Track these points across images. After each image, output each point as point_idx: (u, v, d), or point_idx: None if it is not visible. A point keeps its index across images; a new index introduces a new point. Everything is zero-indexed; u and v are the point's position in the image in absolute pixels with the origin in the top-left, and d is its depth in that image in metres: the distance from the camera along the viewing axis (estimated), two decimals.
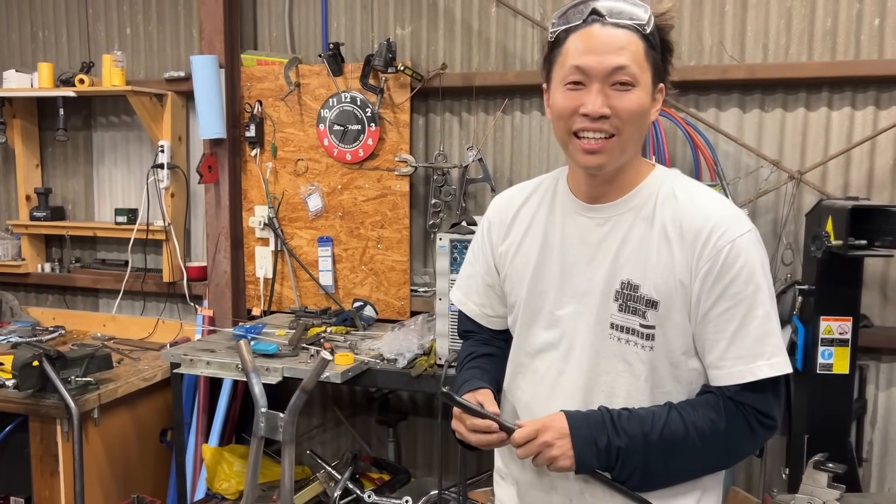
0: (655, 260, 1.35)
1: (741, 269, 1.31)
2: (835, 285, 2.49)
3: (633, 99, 1.30)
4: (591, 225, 1.42)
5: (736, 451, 1.38)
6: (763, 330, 1.31)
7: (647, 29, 1.30)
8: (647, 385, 1.38)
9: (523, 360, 1.51)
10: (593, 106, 1.29)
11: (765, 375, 1.31)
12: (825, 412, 2.55)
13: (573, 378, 1.42)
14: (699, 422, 1.32)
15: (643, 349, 1.37)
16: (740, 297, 1.31)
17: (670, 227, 1.35)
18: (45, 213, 3.78)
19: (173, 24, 3.63)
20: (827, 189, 2.82)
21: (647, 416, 1.34)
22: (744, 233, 1.33)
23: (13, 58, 3.90)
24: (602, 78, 1.29)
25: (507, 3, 3.10)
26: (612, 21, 1.30)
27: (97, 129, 3.85)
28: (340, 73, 3.21)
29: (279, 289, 3.46)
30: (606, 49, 1.29)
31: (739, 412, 1.33)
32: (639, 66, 1.30)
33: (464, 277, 1.65)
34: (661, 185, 1.40)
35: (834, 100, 2.82)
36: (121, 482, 3.10)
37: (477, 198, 3.21)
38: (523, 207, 1.53)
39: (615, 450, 1.32)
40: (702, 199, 1.38)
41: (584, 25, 1.31)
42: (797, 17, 2.80)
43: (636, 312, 1.36)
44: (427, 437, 3.43)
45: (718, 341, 1.33)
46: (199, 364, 2.76)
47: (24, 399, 2.77)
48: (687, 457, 1.34)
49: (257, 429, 1.68)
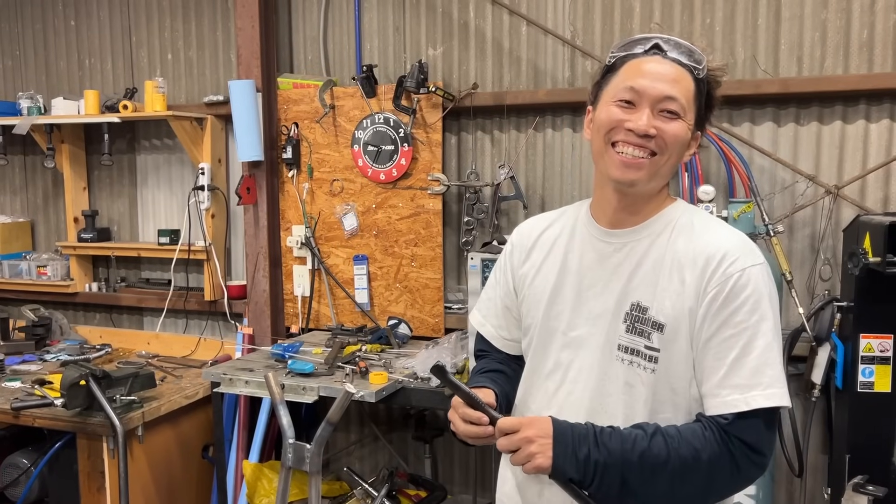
0: (666, 284, 1.37)
1: (748, 297, 1.31)
2: (874, 302, 2.45)
3: (677, 127, 1.35)
4: (609, 250, 1.45)
5: (716, 486, 1.35)
6: (762, 360, 1.31)
7: (700, 74, 1.37)
8: (646, 409, 1.38)
9: (536, 382, 1.54)
10: (642, 123, 1.33)
11: (758, 405, 1.29)
12: (866, 432, 2.49)
13: (580, 398, 1.44)
14: (682, 448, 1.31)
15: (645, 371, 1.38)
16: (744, 326, 1.31)
17: (683, 254, 1.37)
18: (92, 234, 3.91)
19: (212, 50, 3.74)
20: (866, 203, 2.77)
21: (629, 435, 1.33)
22: (755, 264, 1.34)
23: (62, 85, 4.05)
24: (652, 102, 1.34)
25: (537, 23, 3.12)
26: (672, 57, 1.37)
27: (140, 152, 3.97)
28: (374, 95, 3.27)
29: (316, 307, 3.52)
30: (662, 78, 1.35)
31: (725, 446, 1.30)
32: (687, 102, 1.36)
33: (484, 300, 1.69)
34: (681, 215, 1.43)
35: (872, 112, 2.77)
36: (164, 497, 3.17)
37: (509, 215, 3.23)
38: (545, 232, 1.57)
39: (593, 463, 1.31)
40: (717, 229, 1.41)
41: (644, 55, 1.38)
42: (832, 30, 2.77)
43: (642, 334, 1.38)
44: (463, 453, 3.44)
45: (717, 368, 1.33)
46: (237, 383, 2.82)
47: (71, 417, 2.86)
48: (665, 482, 1.31)
49: (285, 459, 1.72)
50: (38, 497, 3.15)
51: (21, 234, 4.20)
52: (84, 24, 3.98)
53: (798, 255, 2.87)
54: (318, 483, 1.73)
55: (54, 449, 3.01)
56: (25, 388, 3.17)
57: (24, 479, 3.11)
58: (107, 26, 3.94)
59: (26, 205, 4.27)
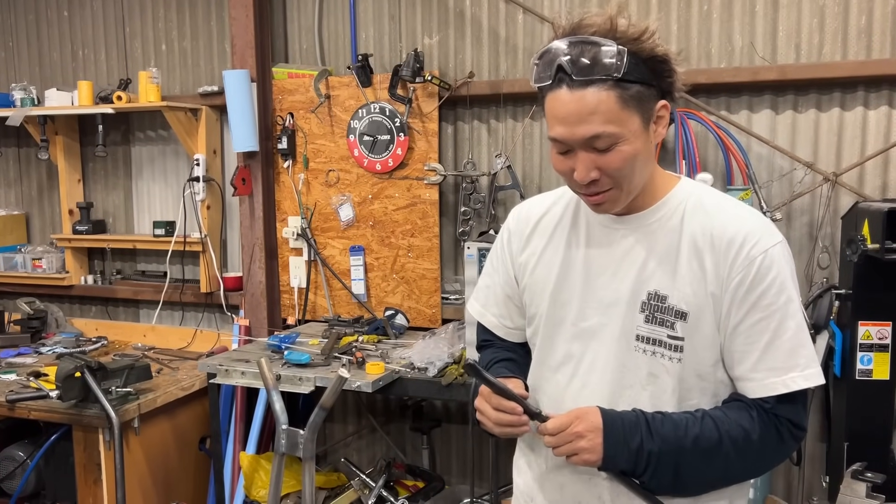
0: (685, 271, 1.34)
1: (773, 279, 1.30)
2: (872, 289, 2.44)
3: (618, 157, 1.27)
4: (617, 236, 1.40)
5: (767, 461, 1.37)
6: (797, 341, 1.30)
7: (617, 76, 1.23)
8: (674, 398, 1.36)
9: (545, 374, 1.49)
10: (579, 175, 1.29)
11: (798, 388, 1.30)
12: (865, 419, 2.49)
13: (596, 391, 1.40)
14: (733, 430, 1.31)
15: (671, 361, 1.35)
16: (773, 309, 1.30)
17: (700, 237, 1.34)
18: (87, 226, 3.89)
19: (206, 40, 3.71)
20: (864, 191, 2.76)
21: (681, 421, 1.32)
22: (776, 243, 1.32)
23: (55, 76, 4.02)
24: (582, 146, 1.28)
25: (533, 10, 3.10)
26: (580, 80, 1.24)
27: (135, 143, 3.95)
28: (369, 84, 3.25)
29: (313, 298, 3.51)
30: (578, 118, 1.25)
31: (772, 423, 1.32)
32: (616, 123, 1.25)
33: (482, 288, 1.63)
34: (689, 196, 1.39)
35: (870, 99, 2.76)
36: (161, 489, 3.17)
37: (506, 205, 3.21)
38: (544, 217, 1.51)
39: (647, 453, 1.30)
40: (732, 209, 1.37)
41: (554, 87, 1.27)
42: (830, 16, 2.75)
43: (664, 324, 1.35)
44: (461, 444, 3.44)
45: (750, 353, 1.31)
46: (234, 374, 2.81)
47: (67, 409, 2.85)
48: (720, 465, 1.32)
49: (278, 445, 1.70)
50: (34, 490, 3.14)
51: (16, 226, 4.17)
52: (77, 14, 3.95)
53: (796, 242, 2.86)
54: (312, 469, 1.72)
55: (50, 441, 3.00)
56: (21, 380, 3.16)
57: (20, 472, 3.10)
58: (100, 17, 3.91)
59: (21, 197, 4.25)
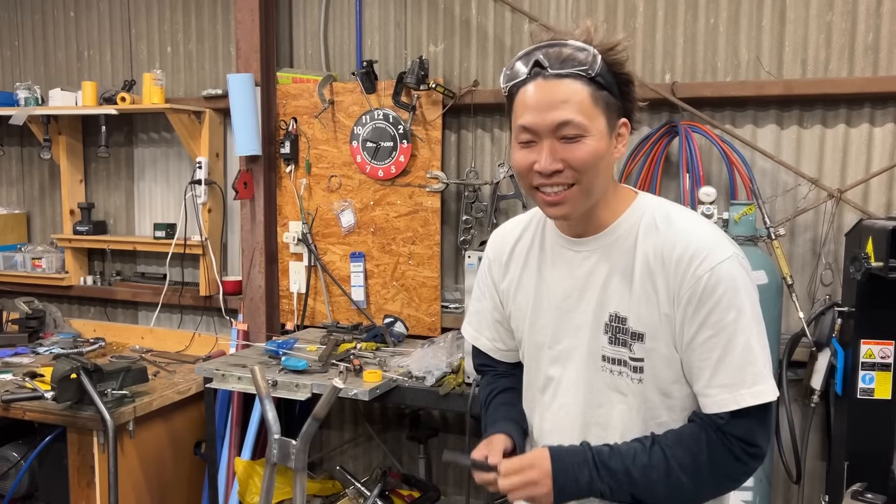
0: (640, 293, 1.35)
1: (721, 296, 1.29)
2: (876, 308, 2.42)
3: (583, 149, 1.29)
4: (578, 259, 1.43)
5: (722, 481, 1.37)
6: (744, 358, 1.30)
7: (591, 73, 1.28)
8: (640, 416, 1.39)
9: (535, 395, 1.54)
10: (544, 164, 1.30)
11: (747, 404, 1.30)
12: (866, 439, 2.46)
13: (571, 412, 1.45)
14: (679, 455, 1.32)
15: (633, 381, 1.38)
16: (721, 325, 1.30)
17: (652, 258, 1.35)
18: (88, 227, 3.88)
19: (212, 43, 3.71)
20: (869, 208, 2.74)
21: (628, 452, 1.34)
22: (723, 259, 1.31)
23: (60, 76, 4.02)
24: (549, 134, 1.29)
25: (539, 20, 3.09)
26: (555, 72, 1.28)
27: (138, 145, 3.94)
28: (374, 91, 3.24)
29: (312, 304, 3.49)
30: (549, 105, 1.28)
31: (721, 442, 1.32)
32: (586, 115, 1.28)
33: (473, 313, 1.67)
34: (643, 215, 1.39)
35: (877, 115, 2.74)
36: (155, 493, 3.14)
37: (508, 214, 3.19)
38: (518, 243, 1.54)
39: (597, 490, 1.33)
40: (683, 224, 1.36)
41: (528, 80, 1.30)
42: (837, 32, 2.74)
43: (625, 345, 1.38)
44: None
45: (704, 369, 1.33)
46: (230, 379, 2.79)
47: (62, 411, 2.83)
48: (673, 490, 1.33)
49: (270, 455, 1.69)
50: (27, 491, 3.12)
51: (16, 225, 4.17)
52: (84, 15, 3.95)
53: (799, 259, 2.84)
54: (304, 480, 1.70)
55: (44, 443, 2.98)
56: (16, 380, 3.14)
57: (13, 473, 3.08)
58: (106, 18, 3.91)
59: (22, 196, 4.24)
